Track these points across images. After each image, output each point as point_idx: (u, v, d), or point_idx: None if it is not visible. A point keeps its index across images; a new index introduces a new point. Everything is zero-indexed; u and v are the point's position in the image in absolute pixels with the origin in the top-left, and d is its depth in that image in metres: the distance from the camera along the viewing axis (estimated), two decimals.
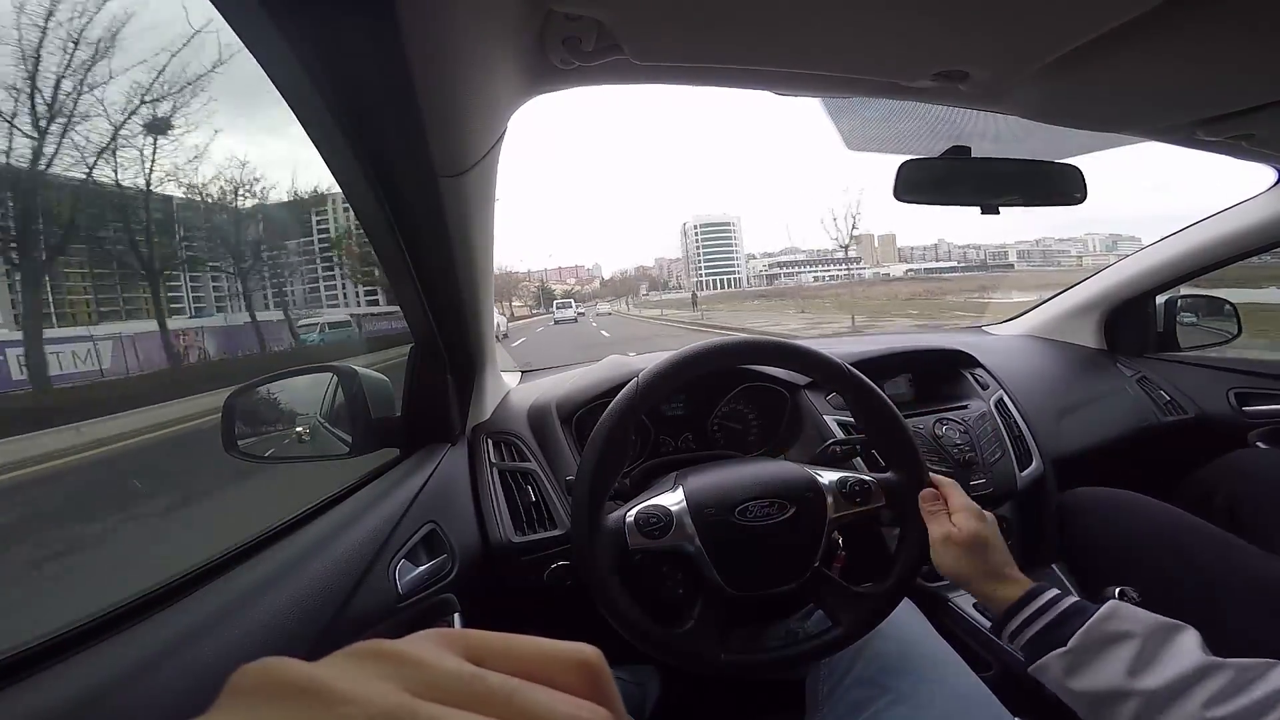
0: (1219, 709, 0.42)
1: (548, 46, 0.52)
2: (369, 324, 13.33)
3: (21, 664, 0.36)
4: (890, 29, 0.52)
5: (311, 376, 0.86)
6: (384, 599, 0.60)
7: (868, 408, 0.67)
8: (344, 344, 11.18)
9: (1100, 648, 0.49)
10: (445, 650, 0.14)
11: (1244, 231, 1.17)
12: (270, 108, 4.22)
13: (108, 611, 0.43)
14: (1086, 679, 0.49)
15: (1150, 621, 0.49)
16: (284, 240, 16.29)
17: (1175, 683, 0.45)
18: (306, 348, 9.97)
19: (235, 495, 2.50)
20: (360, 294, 20.01)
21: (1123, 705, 0.47)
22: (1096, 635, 0.50)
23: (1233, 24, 0.52)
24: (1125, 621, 0.50)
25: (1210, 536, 0.86)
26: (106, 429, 4.23)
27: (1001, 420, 1.08)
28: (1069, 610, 0.53)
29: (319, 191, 17.81)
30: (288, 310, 12.70)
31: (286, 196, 16.30)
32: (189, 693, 0.38)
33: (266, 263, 11.94)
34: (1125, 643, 0.48)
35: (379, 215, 0.59)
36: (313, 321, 11.64)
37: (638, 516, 0.62)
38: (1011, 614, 0.55)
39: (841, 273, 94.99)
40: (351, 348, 11.65)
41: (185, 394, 5.09)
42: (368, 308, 18.22)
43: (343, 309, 19.77)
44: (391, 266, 0.67)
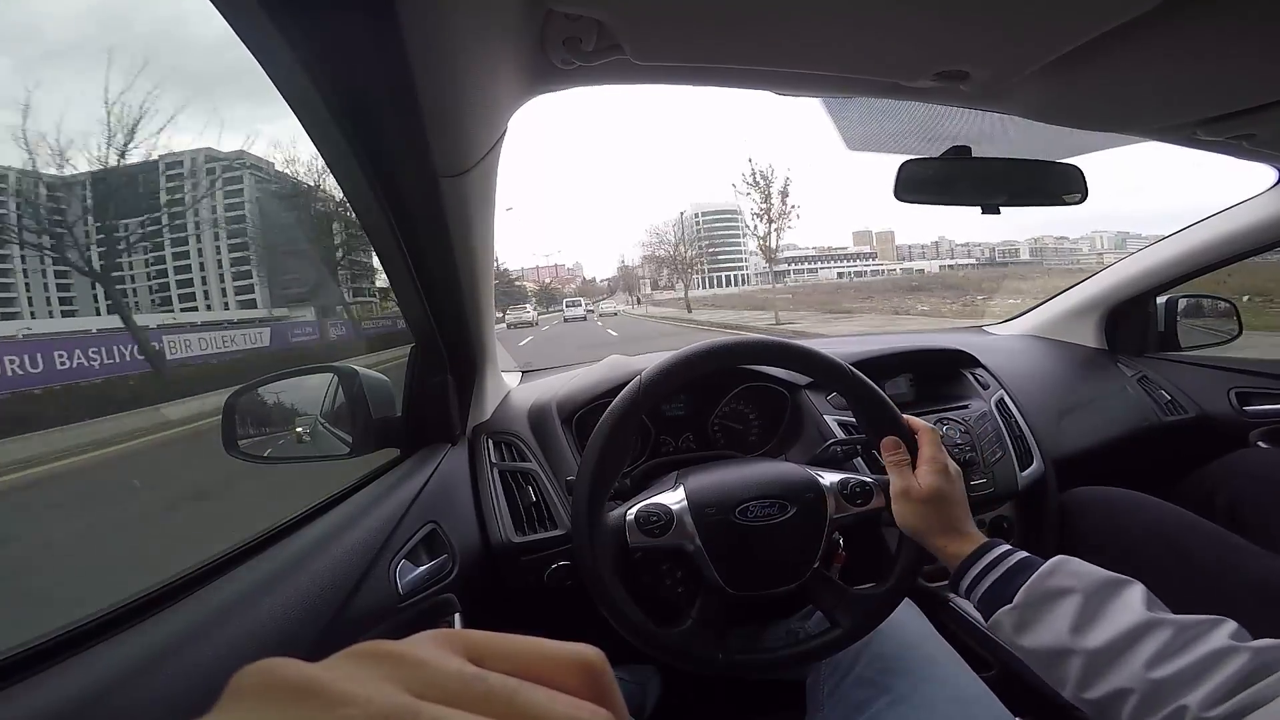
0: (1161, 669, 0.42)
1: (548, 46, 0.52)
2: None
3: (21, 664, 0.36)
4: (890, 29, 0.52)
5: (312, 376, 0.86)
6: (384, 599, 0.60)
7: (868, 408, 0.67)
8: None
9: (1044, 603, 0.49)
10: (446, 651, 0.14)
11: (1244, 231, 1.17)
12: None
13: (108, 611, 0.43)
14: (1033, 636, 0.49)
15: (1094, 577, 0.49)
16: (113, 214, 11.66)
17: (1116, 640, 0.44)
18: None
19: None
20: (230, 290, 15.54)
21: (1068, 663, 0.46)
22: (1039, 591, 0.49)
23: (1233, 24, 0.52)
24: (1069, 577, 0.49)
25: (1211, 536, 0.86)
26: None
27: (1002, 420, 1.08)
28: (1017, 565, 0.52)
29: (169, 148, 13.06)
30: (123, 310, 9.39)
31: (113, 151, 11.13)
32: (189, 693, 0.38)
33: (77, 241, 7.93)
34: (1068, 598, 0.48)
35: (379, 215, 0.59)
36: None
37: (638, 515, 0.62)
38: (962, 570, 0.55)
39: (867, 269, 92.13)
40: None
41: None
42: (240, 311, 14.61)
43: (203, 311, 15.33)
44: (391, 266, 0.67)
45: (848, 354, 0.88)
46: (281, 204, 22.62)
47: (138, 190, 14.48)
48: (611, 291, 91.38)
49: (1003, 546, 0.54)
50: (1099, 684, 0.44)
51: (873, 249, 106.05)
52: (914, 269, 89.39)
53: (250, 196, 20.13)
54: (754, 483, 0.64)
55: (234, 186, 19.73)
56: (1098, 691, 0.44)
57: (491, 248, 0.75)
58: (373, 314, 20.37)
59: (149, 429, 5.38)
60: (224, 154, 20.89)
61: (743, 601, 0.61)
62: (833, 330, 14.06)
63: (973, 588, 0.54)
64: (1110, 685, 0.44)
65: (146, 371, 7.54)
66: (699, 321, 19.40)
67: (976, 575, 0.54)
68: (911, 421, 0.64)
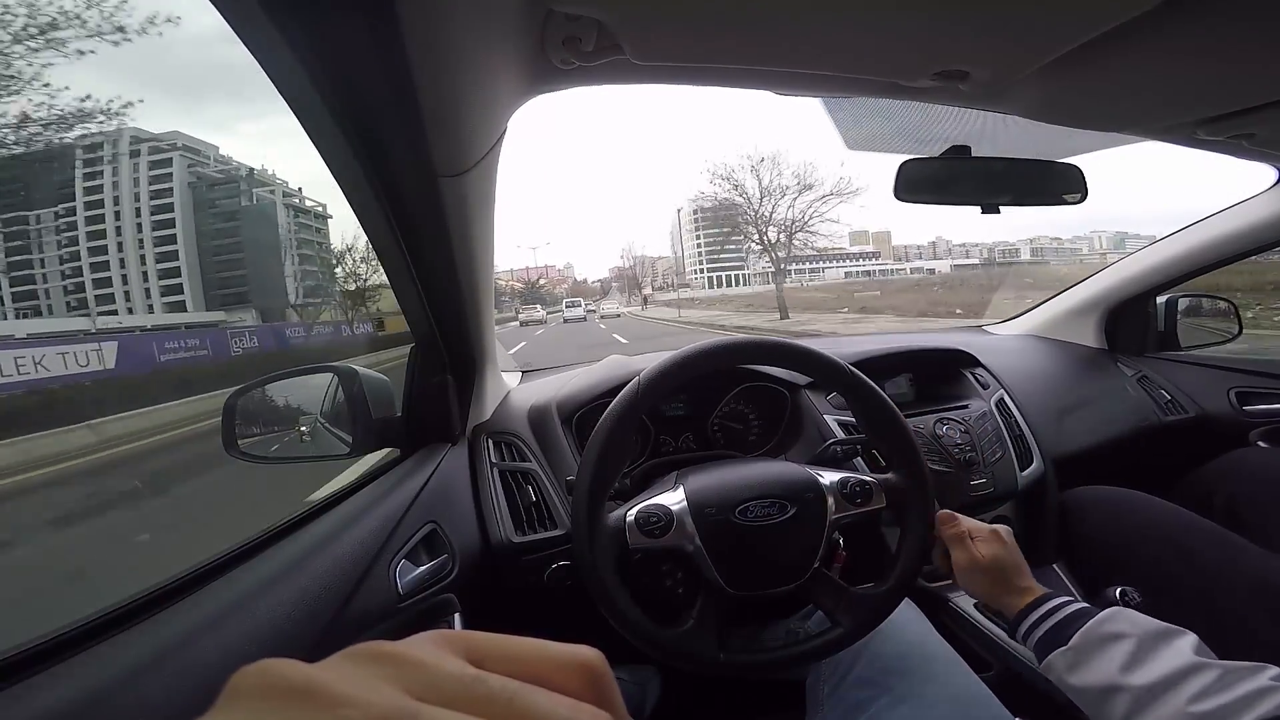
0: (1202, 704, 0.44)
1: (548, 46, 0.52)
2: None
3: (21, 664, 0.36)
4: (890, 29, 0.52)
5: (312, 376, 0.86)
6: (384, 599, 0.60)
7: (868, 408, 0.67)
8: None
9: (1098, 646, 0.52)
10: (446, 652, 0.14)
11: (1244, 231, 1.17)
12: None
13: (108, 611, 0.43)
14: (1084, 675, 0.52)
15: (1148, 625, 0.52)
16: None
17: (1163, 680, 0.47)
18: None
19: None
20: (155, 290, 12.76)
21: (1116, 699, 0.49)
22: (1095, 635, 0.53)
23: (1233, 24, 0.52)
24: (1124, 624, 0.53)
25: (1211, 535, 0.86)
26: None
27: (1002, 420, 1.08)
28: (1074, 614, 0.56)
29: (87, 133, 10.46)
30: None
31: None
32: (189, 693, 0.38)
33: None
34: (1121, 642, 0.51)
35: (379, 215, 0.59)
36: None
37: (638, 515, 0.62)
38: (1021, 617, 0.59)
39: (875, 268, 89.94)
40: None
41: None
42: (170, 315, 12.09)
43: (123, 315, 12.67)
44: (391, 266, 0.67)
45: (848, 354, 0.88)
46: (222, 191, 20.75)
47: (51, 177, 12.30)
48: (604, 292, 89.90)
49: (1060, 598, 0.59)
50: (1143, 718, 0.47)
51: (875, 249, 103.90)
52: (924, 268, 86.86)
53: (182, 182, 17.83)
54: (754, 483, 0.64)
55: (162, 171, 17.31)
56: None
57: (491, 248, 0.75)
58: (331, 317, 18.94)
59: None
60: (153, 134, 18.76)
61: (743, 602, 0.61)
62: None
63: (1030, 632, 0.58)
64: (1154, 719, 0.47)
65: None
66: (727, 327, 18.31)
67: (1035, 621, 0.58)
68: (941, 514, 0.67)
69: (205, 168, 20.89)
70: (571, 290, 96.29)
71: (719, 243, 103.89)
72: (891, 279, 65.38)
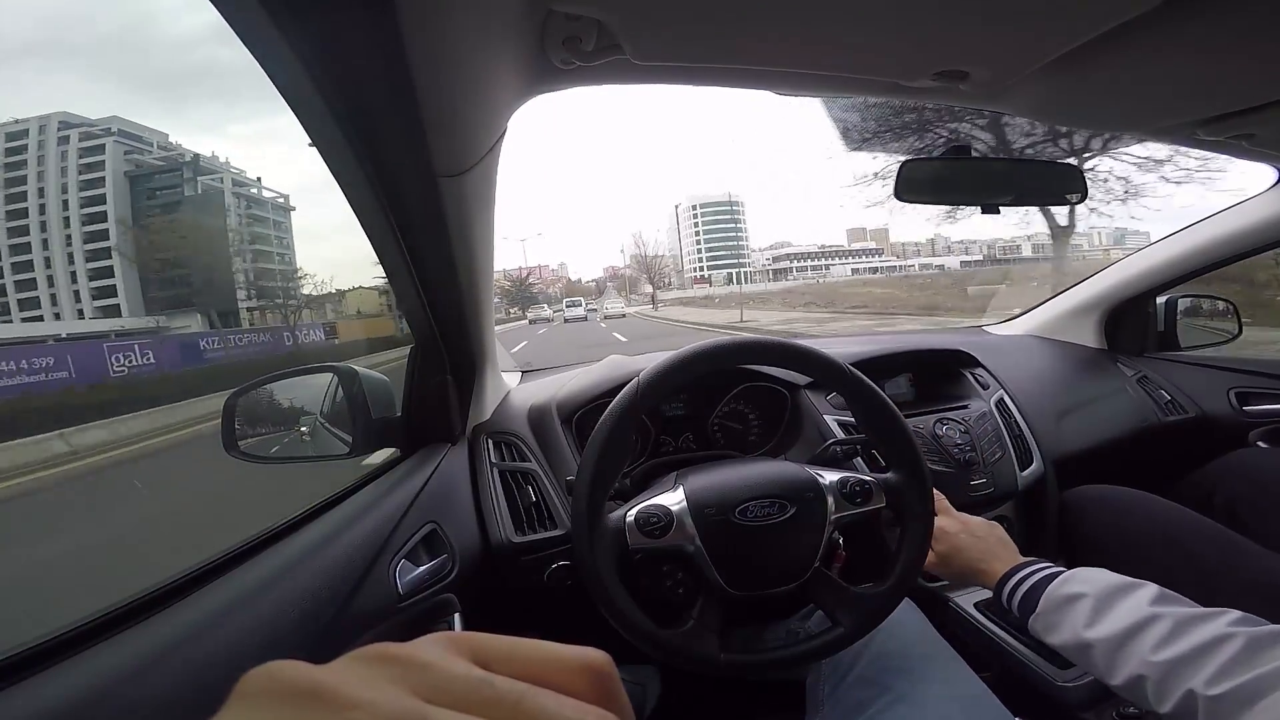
0: (1164, 652, 0.47)
1: (548, 46, 0.52)
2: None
3: (21, 664, 0.36)
4: (890, 29, 0.52)
5: (312, 377, 0.86)
6: (384, 599, 0.60)
7: (868, 408, 0.67)
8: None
9: (1061, 607, 0.57)
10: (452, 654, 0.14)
11: (1244, 231, 1.17)
12: None
13: (108, 611, 0.42)
14: (1057, 635, 0.57)
15: (1105, 581, 0.56)
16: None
17: (1123, 632, 0.51)
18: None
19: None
20: (85, 293, 10.67)
21: (1091, 654, 0.53)
22: (1056, 597, 0.58)
23: (1233, 24, 0.52)
24: (1081, 584, 0.57)
25: (1212, 535, 0.86)
26: None
27: (1002, 420, 1.08)
28: (1040, 580, 0.62)
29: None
30: None
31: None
32: (189, 693, 0.38)
33: None
34: (1080, 601, 0.56)
35: (379, 215, 0.59)
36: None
37: (638, 516, 0.62)
38: (998, 591, 0.66)
39: (882, 265, 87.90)
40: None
41: None
42: (100, 321, 9.73)
43: (49, 321, 10.71)
44: (391, 266, 0.67)
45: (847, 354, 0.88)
46: (164, 180, 18.08)
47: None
48: (600, 291, 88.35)
49: (1034, 565, 0.64)
50: (1119, 671, 0.51)
51: (877, 246, 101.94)
52: (933, 264, 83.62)
53: (117, 172, 15.52)
54: (753, 482, 0.64)
55: (94, 159, 15.00)
56: (1119, 678, 0.51)
57: (491, 248, 0.75)
58: (293, 319, 17.33)
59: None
60: (87, 119, 16.18)
61: (743, 602, 0.61)
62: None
63: (1009, 601, 0.64)
64: (1128, 671, 0.50)
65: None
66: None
67: (1009, 593, 0.64)
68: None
69: (146, 155, 18.42)
70: (566, 290, 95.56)
71: (721, 240, 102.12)
72: (913, 275, 63.75)
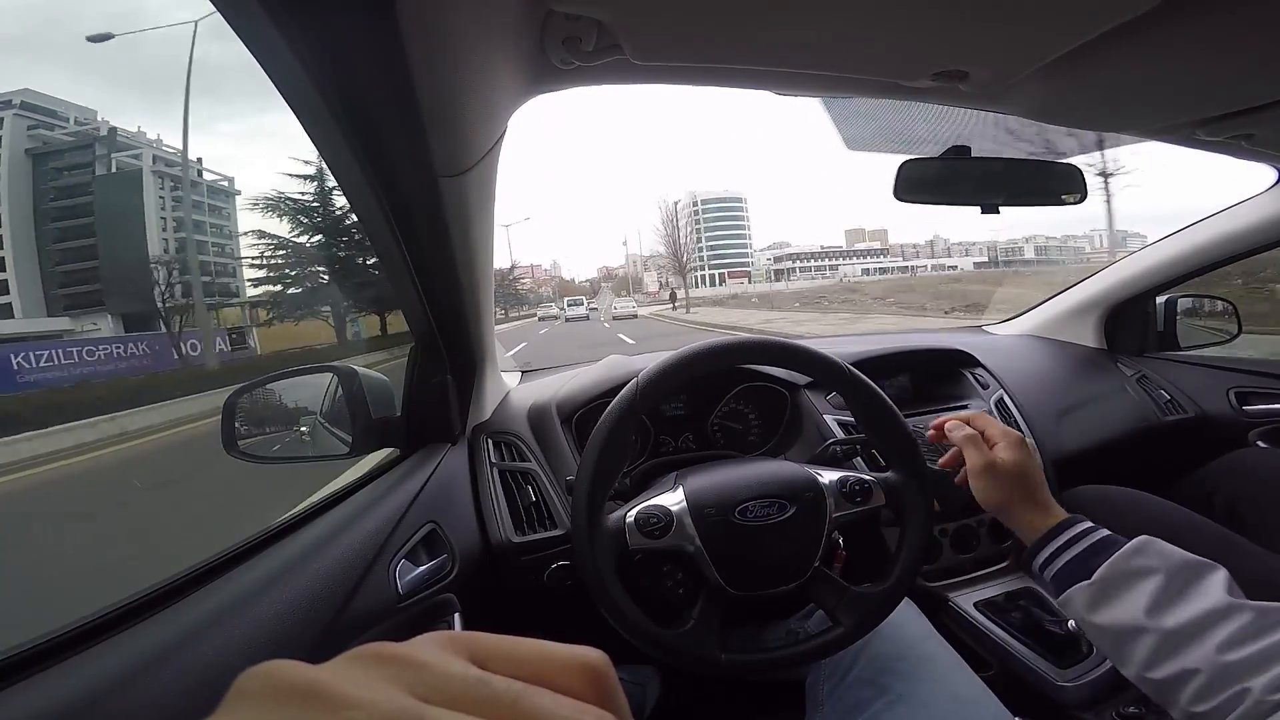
0: (1232, 653, 0.42)
1: (548, 46, 0.52)
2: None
3: (21, 664, 0.36)
4: (890, 29, 0.52)
5: (312, 376, 0.86)
6: (384, 599, 0.60)
7: (868, 407, 0.67)
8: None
9: (1124, 582, 0.48)
10: (450, 653, 0.14)
11: (1244, 231, 1.17)
12: None
13: (108, 611, 0.42)
14: (1107, 613, 0.49)
15: (1178, 558, 0.48)
16: None
17: (1192, 623, 0.44)
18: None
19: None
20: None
21: (1139, 641, 0.46)
22: (1121, 569, 0.49)
23: (1233, 24, 0.52)
24: (1152, 557, 0.49)
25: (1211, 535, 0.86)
26: None
27: (1002, 419, 1.08)
28: (1099, 543, 0.52)
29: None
30: None
31: None
32: (189, 693, 0.38)
33: None
34: (1149, 578, 0.47)
35: (379, 215, 0.59)
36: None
37: (638, 516, 0.62)
38: (1042, 544, 0.55)
39: (894, 266, 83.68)
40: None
41: None
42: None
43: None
44: (391, 266, 0.67)
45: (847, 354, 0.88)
46: (75, 159, 15.44)
47: None
48: (594, 291, 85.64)
49: (1085, 524, 0.54)
50: (1167, 664, 0.45)
51: (882, 246, 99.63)
52: (946, 265, 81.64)
53: (16, 149, 13.23)
54: (753, 482, 0.64)
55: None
56: (1164, 671, 0.45)
57: (491, 248, 0.75)
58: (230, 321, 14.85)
59: None
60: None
61: (743, 602, 0.61)
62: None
63: (1049, 563, 0.54)
64: (1179, 665, 0.44)
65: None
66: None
67: (1055, 550, 0.54)
68: (963, 415, 0.65)
69: (57, 131, 16.12)
70: (559, 289, 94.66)
71: (724, 237, 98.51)
72: (925, 276, 62.24)
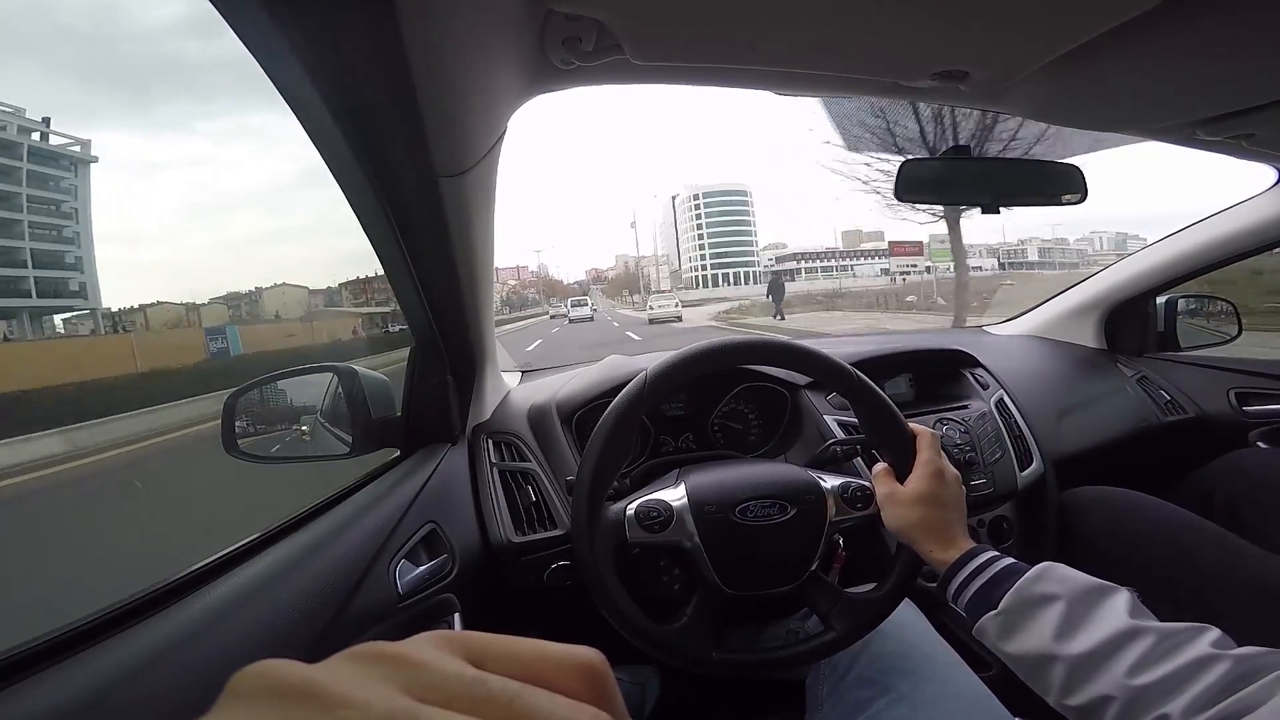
0: (1142, 677, 0.42)
1: (548, 46, 0.52)
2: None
3: (21, 664, 0.36)
4: (890, 29, 0.52)
5: (312, 376, 0.86)
6: (384, 599, 0.60)
7: (868, 408, 0.67)
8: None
9: (1029, 609, 0.48)
10: (446, 653, 0.14)
11: (1244, 231, 1.17)
12: None
13: (108, 611, 0.42)
14: (1017, 642, 0.48)
15: (1079, 583, 0.49)
16: None
17: (1098, 648, 0.44)
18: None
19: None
20: None
21: (1052, 669, 0.46)
22: (1025, 596, 0.49)
23: (1233, 24, 0.52)
24: (1054, 584, 0.49)
25: (1211, 536, 0.86)
26: None
27: (1002, 420, 1.08)
28: (1003, 571, 0.52)
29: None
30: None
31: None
32: (189, 693, 0.38)
33: None
34: (1052, 604, 0.48)
35: (379, 215, 0.59)
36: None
37: (638, 510, 0.62)
38: (949, 575, 0.55)
39: (911, 268, 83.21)
40: None
41: None
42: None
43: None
44: (391, 266, 0.67)
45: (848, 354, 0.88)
46: None
47: None
48: (584, 292, 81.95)
49: (989, 553, 0.54)
50: (1081, 691, 0.45)
51: (884, 247, 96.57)
52: (970, 265, 79.57)
53: None
54: (755, 483, 0.64)
55: None
56: (1081, 698, 0.45)
57: (492, 247, 0.75)
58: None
59: None
60: None
61: (739, 601, 0.61)
62: None
63: (959, 593, 0.54)
64: (1093, 692, 0.44)
65: None
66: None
67: (963, 581, 0.54)
68: (914, 428, 0.65)
69: None
70: (547, 290, 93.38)
71: (727, 235, 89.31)
72: (945, 277, 59.91)
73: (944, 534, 0.57)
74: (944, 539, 0.57)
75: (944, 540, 0.57)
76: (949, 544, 0.56)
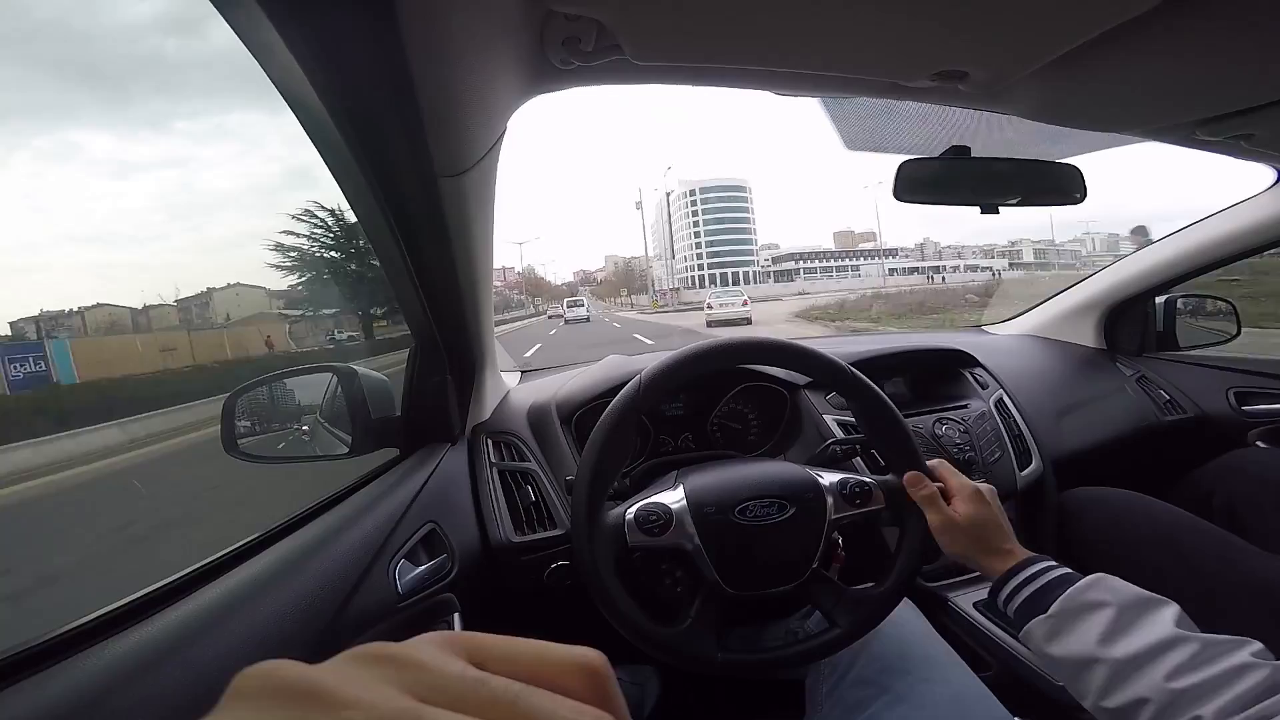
0: (1180, 681, 0.43)
1: (548, 46, 0.52)
2: None
3: (21, 664, 0.36)
4: (890, 29, 0.52)
5: (311, 376, 0.86)
6: (384, 599, 0.60)
7: (868, 408, 0.67)
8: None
9: (1078, 614, 0.51)
10: (448, 654, 0.14)
11: (1244, 231, 1.17)
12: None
13: (108, 611, 0.43)
14: (1062, 645, 0.51)
15: (1130, 593, 0.51)
16: None
17: (1141, 653, 0.46)
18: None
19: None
20: None
21: (1093, 671, 0.48)
22: (1075, 603, 0.52)
23: (1233, 24, 0.52)
24: (1105, 592, 0.51)
25: (1210, 536, 0.86)
26: None
27: (1001, 420, 1.08)
28: (1055, 579, 0.55)
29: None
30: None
31: None
32: (189, 693, 0.38)
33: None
34: (1101, 611, 0.50)
35: (379, 215, 0.59)
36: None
37: (638, 513, 0.62)
38: (1002, 582, 0.58)
39: (924, 266, 75.53)
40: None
41: None
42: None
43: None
44: (391, 266, 0.67)
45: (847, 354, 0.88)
46: None
47: None
48: (573, 294, 78.65)
49: (1044, 561, 0.57)
50: (1119, 693, 0.46)
51: (890, 247, 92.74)
52: (980, 265, 74.85)
53: None
54: (754, 482, 0.64)
55: None
56: (1117, 700, 0.46)
57: (491, 248, 0.76)
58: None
59: None
60: None
61: (741, 601, 0.61)
62: None
63: (1010, 598, 0.56)
64: (1130, 695, 0.45)
65: None
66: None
67: (1016, 586, 0.56)
68: (928, 464, 0.66)
69: None
70: (533, 291, 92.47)
71: (726, 232, 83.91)
72: (965, 275, 56.77)
73: (1001, 547, 0.60)
74: (1001, 551, 0.60)
75: (1002, 553, 0.59)
76: (1006, 555, 0.59)
